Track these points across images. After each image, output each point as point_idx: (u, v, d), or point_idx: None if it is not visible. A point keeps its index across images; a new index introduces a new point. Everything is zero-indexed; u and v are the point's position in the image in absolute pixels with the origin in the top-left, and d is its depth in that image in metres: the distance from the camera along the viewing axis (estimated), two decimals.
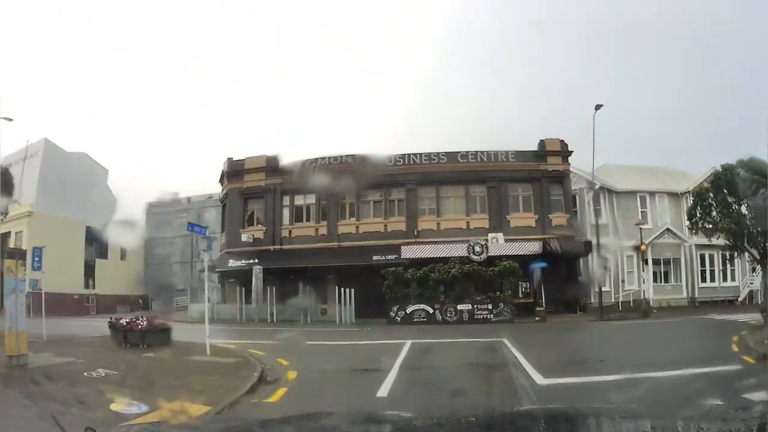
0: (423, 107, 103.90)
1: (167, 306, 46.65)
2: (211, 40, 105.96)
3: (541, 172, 32.69)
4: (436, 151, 32.96)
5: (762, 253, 23.07)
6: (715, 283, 37.07)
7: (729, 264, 34.79)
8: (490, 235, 30.61)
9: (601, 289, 30.25)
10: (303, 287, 29.09)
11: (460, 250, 29.07)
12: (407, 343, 15.59)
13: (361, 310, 28.57)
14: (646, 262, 33.66)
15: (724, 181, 27.80)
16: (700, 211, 30.89)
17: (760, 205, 21.82)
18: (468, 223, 31.97)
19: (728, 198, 25.36)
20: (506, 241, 30.49)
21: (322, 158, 33.92)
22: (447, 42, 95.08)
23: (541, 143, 33.46)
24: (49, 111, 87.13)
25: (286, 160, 35.02)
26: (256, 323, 28.68)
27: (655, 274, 35.86)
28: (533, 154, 33.10)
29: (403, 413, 3.07)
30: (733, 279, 36.71)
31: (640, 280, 36.02)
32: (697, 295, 36.17)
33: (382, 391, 9.29)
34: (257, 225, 34.94)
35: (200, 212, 56.58)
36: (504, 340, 15.82)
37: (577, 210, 34.35)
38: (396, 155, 32.99)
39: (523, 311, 27.51)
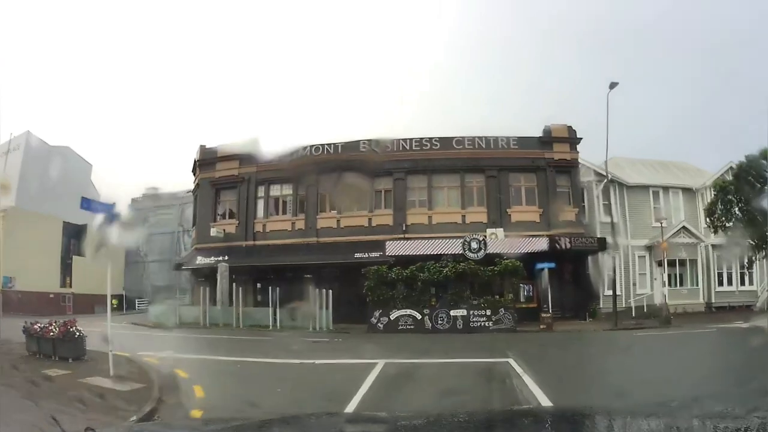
0: (421, 94, 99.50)
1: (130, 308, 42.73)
2: (203, 29, 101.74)
3: (546, 161, 28.33)
4: (428, 136, 28.49)
5: None
6: (733, 287, 33.15)
7: (748, 266, 31.21)
8: (489, 231, 26.15)
9: (616, 293, 25.83)
10: (276, 288, 24.56)
11: (454, 247, 24.60)
12: (379, 365, 11.11)
13: (342, 315, 24.51)
14: (662, 264, 29.32)
15: (752, 172, 24.58)
16: (720, 207, 27.61)
17: None
18: (464, 217, 27.54)
19: (754, 191, 23.37)
20: (507, 237, 25.96)
21: (303, 147, 29.53)
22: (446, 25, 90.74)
23: (547, 129, 29.12)
24: (33, 103, 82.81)
25: (264, 147, 30.62)
26: (220, 328, 24.33)
27: (669, 276, 31.58)
28: (537, 141, 28.74)
29: (404, 413, 3.20)
30: (751, 283, 32.70)
31: (653, 282, 32.19)
32: (713, 300, 32.05)
33: None
34: (228, 218, 30.52)
35: (183, 208, 52.15)
36: (510, 360, 11.42)
37: (585, 205, 29.91)
38: (384, 140, 28.56)
39: (525, 317, 23.19)
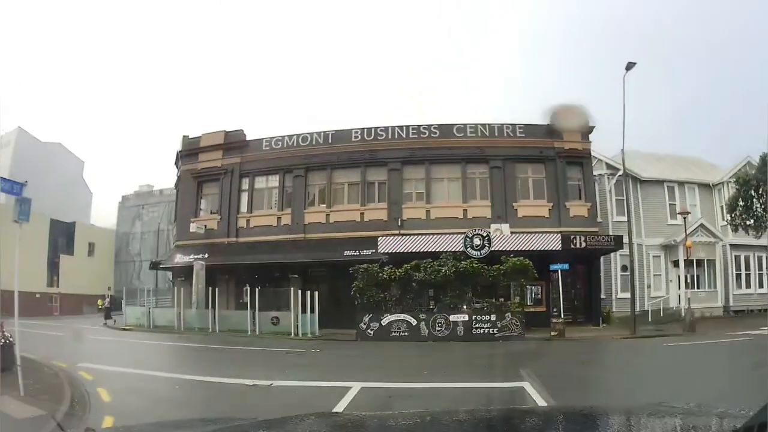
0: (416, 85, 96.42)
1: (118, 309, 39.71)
2: (193, 18, 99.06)
3: (556, 151, 25.27)
4: (427, 123, 25.45)
5: None
6: (751, 290, 30.30)
7: None
8: (493, 226, 23.10)
9: (634, 296, 22.79)
10: (255, 289, 21.58)
11: (454, 244, 21.52)
12: (352, 392, 8.12)
13: (330, 319, 21.64)
14: (684, 265, 26.37)
15: None
16: (741, 204, 25.03)
17: None
18: (465, 211, 24.50)
19: None
20: (513, 234, 22.90)
21: (290, 135, 26.61)
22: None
23: (555, 116, 25.91)
24: (25, 100, 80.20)
25: (250, 136, 27.72)
26: (194, 333, 21.39)
27: (686, 278, 28.66)
28: (546, 129, 25.61)
29: (405, 413, 2.96)
30: None
31: (668, 284, 29.27)
32: (731, 303, 29.19)
33: None
34: (210, 213, 27.56)
35: (173, 205, 49.32)
36: (525, 385, 8.41)
37: (597, 200, 26.90)
38: (377, 127, 25.54)
39: (533, 322, 20.23)
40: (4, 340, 10.40)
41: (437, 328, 18.60)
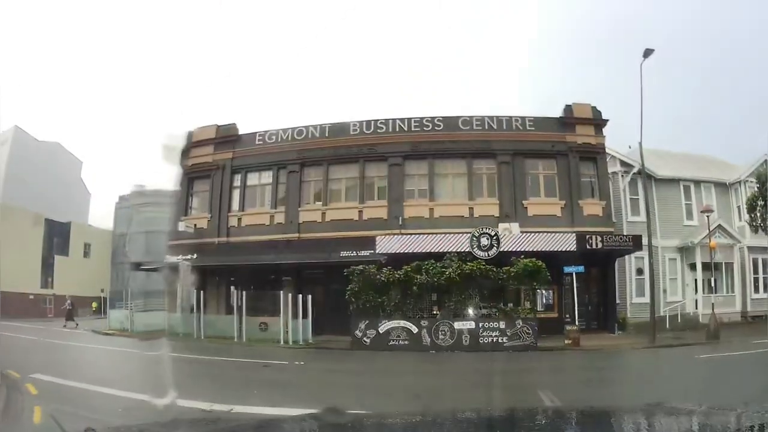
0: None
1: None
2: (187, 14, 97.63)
3: (568, 146, 23.34)
4: (430, 116, 23.55)
5: None
6: None
7: None
8: (502, 226, 21.16)
9: (654, 300, 20.87)
10: (242, 293, 19.75)
11: (459, 244, 19.58)
12: None
13: (325, 324, 20.02)
14: (707, 266, 24.56)
15: None
16: (761, 203, 23.45)
17: None
18: (471, 209, 22.53)
19: None
20: (523, 233, 20.94)
21: (284, 129, 24.79)
22: None
23: (568, 108, 24.12)
24: (23, 99, 78.82)
25: (242, 130, 25.93)
26: (178, 338, 19.60)
27: (702, 282, 26.92)
28: (557, 123, 23.74)
29: (405, 413, 2.90)
30: None
31: (685, 289, 27.32)
32: (749, 309, 27.17)
33: None
34: (200, 212, 25.78)
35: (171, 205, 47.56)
36: None
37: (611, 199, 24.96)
38: (377, 120, 23.66)
39: (544, 329, 18.25)
40: None
41: (440, 337, 16.65)
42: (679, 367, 12.35)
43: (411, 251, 19.59)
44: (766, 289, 27.90)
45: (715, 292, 26.40)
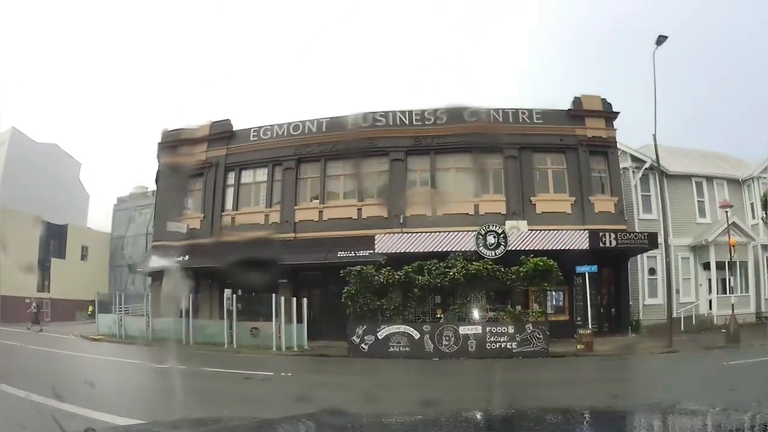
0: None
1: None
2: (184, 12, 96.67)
3: (578, 139, 22.03)
4: (433, 108, 22.27)
5: None
6: None
7: None
8: (509, 223, 19.85)
9: (671, 302, 19.54)
10: (232, 296, 18.50)
11: (464, 243, 18.26)
12: None
13: (323, 328, 19.06)
14: (722, 265, 23.34)
15: None
16: None
17: None
18: (477, 206, 21.21)
19: None
20: (532, 231, 19.62)
21: (280, 124, 23.57)
22: None
23: (576, 101, 22.84)
24: (21, 100, 77.71)
25: (236, 126, 24.68)
26: (166, 344, 18.29)
27: (716, 281, 25.64)
28: (566, 115, 22.45)
29: (405, 413, 2.87)
30: None
31: (698, 289, 26.00)
32: (763, 309, 25.75)
33: None
34: (193, 211, 24.54)
35: None
36: None
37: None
38: (376, 113, 22.38)
39: (554, 332, 16.82)
40: None
41: (444, 343, 15.33)
42: (711, 377, 11.00)
43: (412, 251, 18.29)
44: None
45: (729, 292, 25.25)
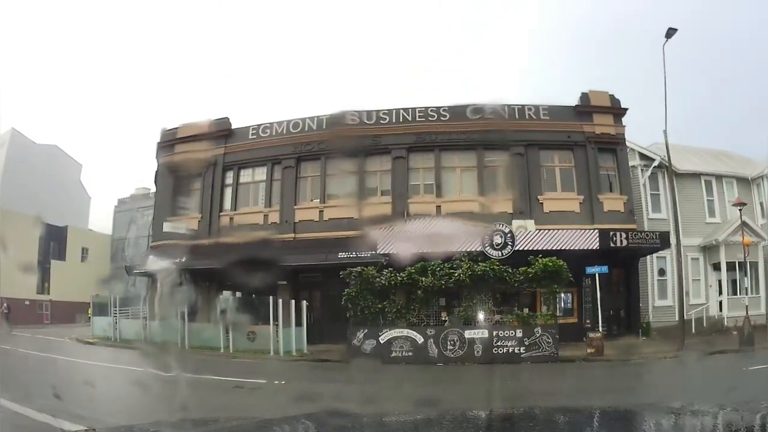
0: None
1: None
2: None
3: (586, 136, 21.28)
4: (436, 105, 21.55)
5: None
6: None
7: None
8: (516, 223, 19.13)
9: (683, 303, 18.77)
10: (227, 299, 17.84)
11: (470, 243, 17.49)
12: None
13: (324, 332, 18.44)
14: (731, 266, 22.80)
15: None
16: None
17: None
18: (483, 205, 20.43)
19: None
20: (540, 231, 18.87)
21: (279, 122, 22.89)
22: None
23: (584, 96, 22.10)
24: (22, 102, 77.24)
25: (235, 124, 24.00)
26: (159, 349, 17.51)
27: (726, 282, 24.79)
28: (573, 111, 21.72)
29: (405, 412, 2.89)
30: None
31: (708, 290, 25.22)
32: None
33: None
34: (190, 211, 23.87)
35: None
36: None
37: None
38: (379, 110, 21.69)
39: (562, 336, 16.00)
40: None
41: (449, 347, 14.58)
42: (735, 384, 10.21)
43: (416, 252, 17.53)
44: None
45: (740, 294, 24.50)
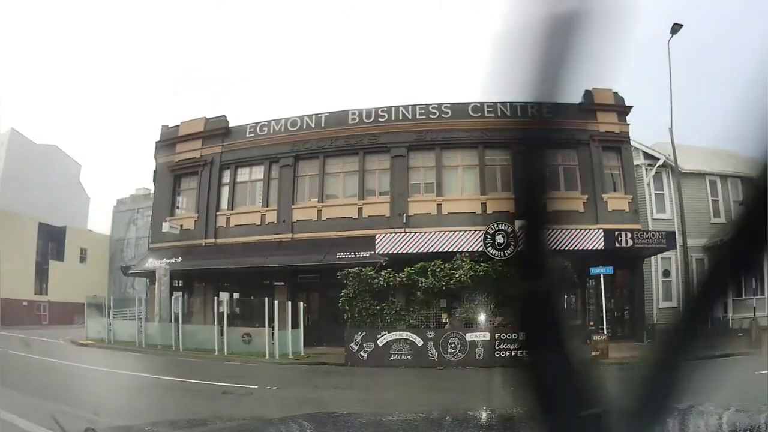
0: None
1: None
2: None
3: (590, 134, 20.66)
4: (437, 102, 21.05)
5: None
6: None
7: None
8: (518, 223, 18.45)
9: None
10: (223, 301, 17.37)
11: (471, 243, 16.98)
12: None
13: (322, 334, 18.05)
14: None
15: None
16: None
17: None
18: (484, 205, 19.93)
19: None
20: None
21: (277, 120, 22.42)
22: None
23: (587, 94, 21.33)
24: (18, 100, 76.75)
25: (233, 122, 23.56)
26: (157, 350, 17.21)
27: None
28: (577, 109, 20.92)
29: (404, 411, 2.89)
30: None
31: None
32: None
33: None
34: (187, 211, 23.43)
35: None
36: None
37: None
38: (378, 108, 21.21)
39: None
40: None
41: (450, 350, 14.06)
42: (749, 389, 9.73)
43: (416, 251, 17.06)
44: None
45: (745, 295, 23.97)
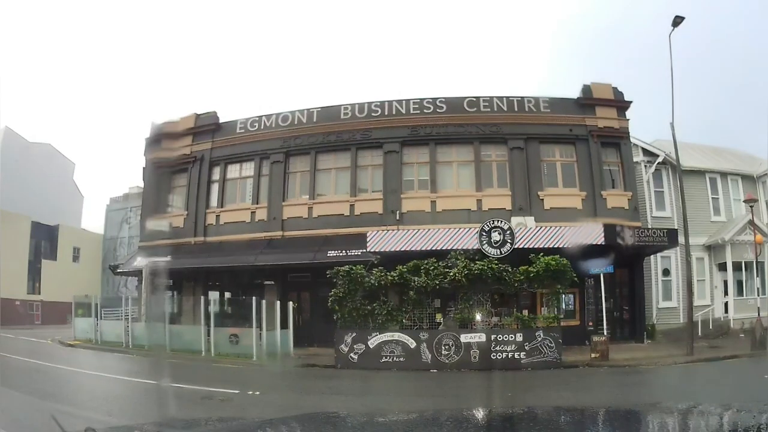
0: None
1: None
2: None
3: (588, 129, 20.20)
4: (432, 97, 20.44)
5: None
6: None
7: None
8: (515, 220, 17.98)
9: (692, 305, 17.66)
10: (209, 300, 16.77)
11: (466, 241, 16.38)
12: None
13: (313, 334, 17.57)
14: (748, 266, 21.67)
15: None
16: None
17: None
18: (479, 201, 19.38)
19: None
20: (541, 227, 17.74)
21: (268, 115, 21.83)
22: None
23: (586, 89, 21.04)
24: (12, 98, 75.88)
25: (222, 118, 22.95)
26: (145, 351, 16.61)
27: (732, 283, 23.53)
28: (575, 104, 20.64)
29: (404, 411, 2.92)
30: None
31: (713, 291, 24.17)
32: None
33: None
34: (176, 209, 22.78)
35: None
36: None
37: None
38: (371, 103, 20.59)
39: (564, 339, 14.77)
40: None
41: (443, 352, 13.44)
42: (758, 393, 9.12)
43: (409, 249, 16.43)
44: None
45: (747, 294, 23.43)
